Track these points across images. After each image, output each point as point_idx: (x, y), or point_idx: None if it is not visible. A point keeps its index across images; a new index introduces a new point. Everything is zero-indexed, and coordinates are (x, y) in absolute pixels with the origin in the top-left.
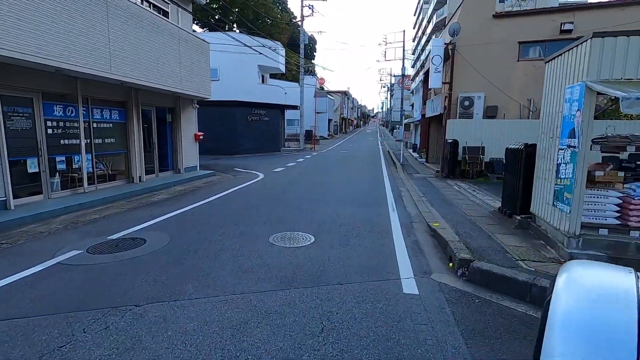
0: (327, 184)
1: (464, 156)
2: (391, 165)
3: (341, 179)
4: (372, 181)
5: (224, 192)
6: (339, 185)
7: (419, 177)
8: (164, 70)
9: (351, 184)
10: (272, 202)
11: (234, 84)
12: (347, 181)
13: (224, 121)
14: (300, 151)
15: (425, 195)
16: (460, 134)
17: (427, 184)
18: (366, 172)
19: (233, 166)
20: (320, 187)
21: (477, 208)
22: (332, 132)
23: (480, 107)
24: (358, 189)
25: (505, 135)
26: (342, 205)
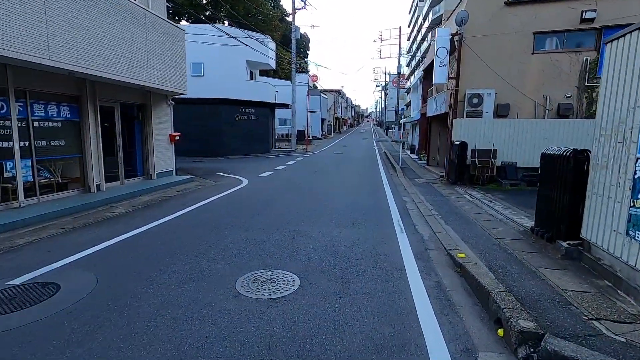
0: (318, 193)
1: (473, 160)
2: (390, 168)
3: (335, 186)
4: (371, 189)
5: (197, 205)
6: (332, 195)
7: (423, 183)
8: (126, 59)
9: (347, 192)
10: (250, 221)
11: (219, 80)
12: (342, 189)
13: (209, 120)
14: (291, 152)
15: (435, 208)
16: (469, 135)
17: (433, 191)
18: (363, 178)
19: (216, 170)
20: (310, 198)
21: (502, 226)
22: (326, 132)
23: (490, 105)
24: (355, 200)
25: (519, 136)
26: (337, 225)
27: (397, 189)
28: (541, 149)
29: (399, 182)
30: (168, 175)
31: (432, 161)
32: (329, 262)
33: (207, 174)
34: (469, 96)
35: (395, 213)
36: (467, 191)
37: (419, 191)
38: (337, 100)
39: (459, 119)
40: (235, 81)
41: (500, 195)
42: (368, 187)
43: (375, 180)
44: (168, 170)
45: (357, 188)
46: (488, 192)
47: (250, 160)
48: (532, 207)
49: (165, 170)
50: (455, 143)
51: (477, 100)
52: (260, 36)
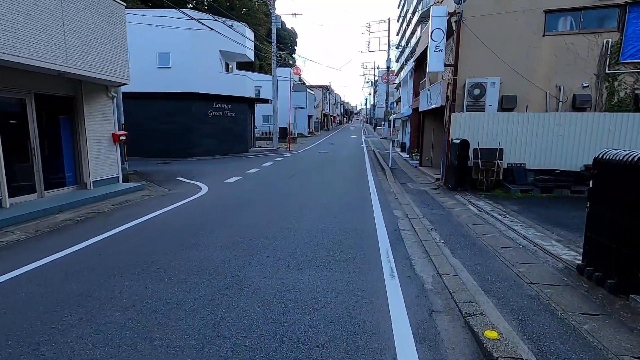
0: (287, 209)
1: (476, 161)
2: (379, 170)
3: (311, 197)
4: (356, 200)
5: (123, 227)
6: (305, 212)
7: (416, 189)
8: (28, 33)
9: (325, 207)
10: (178, 257)
11: (190, 72)
12: (318, 202)
13: (179, 117)
14: (272, 151)
15: (435, 227)
16: (469, 132)
17: (429, 201)
18: (348, 184)
19: (179, 174)
20: (274, 218)
21: (531, 259)
22: (313, 129)
23: (494, 96)
24: (334, 218)
25: (529, 133)
26: (300, 266)
27: (387, 198)
28: (554, 148)
29: (388, 189)
30: (111, 183)
31: (426, 161)
32: (285, 350)
33: (165, 180)
34: (470, 86)
35: (384, 239)
36: (470, 200)
37: (413, 200)
38: (325, 96)
39: (457, 114)
40: (207, 74)
41: (513, 206)
42: (352, 198)
43: (361, 187)
44: (111, 176)
45: (338, 199)
46: (496, 201)
47: (223, 161)
48: (559, 224)
49: (107, 177)
50: (454, 142)
51: (478, 91)
52: (236, 24)
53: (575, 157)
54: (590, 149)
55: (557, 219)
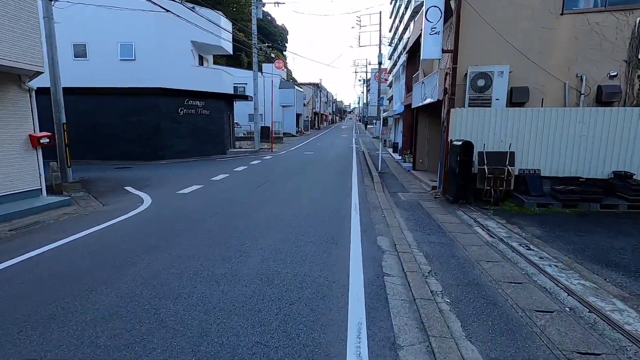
0: (239, 231)
1: (481, 168)
2: (366, 175)
3: (275, 215)
4: (331, 220)
5: (6, 264)
6: (261, 240)
7: (409, 201)
8: None
9: (287, 232)
10: (48, 331)
11: (157, 65)
12: (281, 223)
13: (144, 115)
14: (253, 153)
15: (435, 270)
16: (473, 132)
17: (426, 221)
18: (326, 194)
19: (131, 181)
20: (214, 252)
21: (596, 342)
22: (302, 128)
23: (502, 88)
24: (292, 259)
25: (545, 133)
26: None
27: (372, 216)
28: (576, 151)
29: (375, 202)
30: (29, 197)
31: (420, 164)
32: None
33: (109, 190)
34: (472, 76)
35: (358, 299)
36: (476, 218)
37: (405, 219)
38: (316, 94)
39: (457, 109)
40: (177, 67)
41: (533, 228)
42: (327, 216)
43: (342, 199)
44: (30, 189)
45: (307, 221)
46: (509, 219)
47: (192, 165)
48: (609, 263)
49: (23, 189)
50: (454, 143)
51: (483, 83)
52: (208, 11)
53: (602, 161)
54: (620, 152)
55: (602, 252)
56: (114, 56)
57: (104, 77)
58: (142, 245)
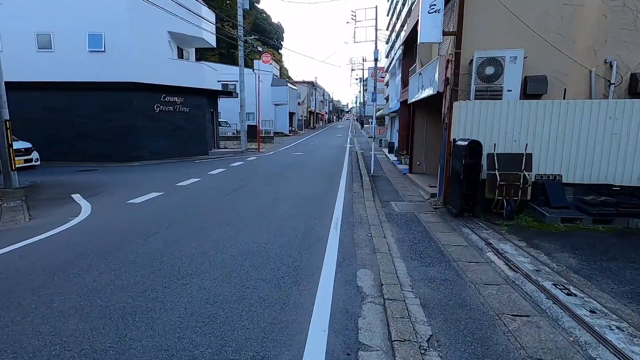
0: (178, 264)
1: (491, 173)
2: (356, 179)
3: (235, 236)
4: (302, 243)
5: None
6: (204, 274)
7: (404, 213)
8: None
9: (242, 263)
10: None
11: (130, 57)
12: (241, 247)
13: (116, 113)
14: (238, 154)
15: (435, 330)
16: (480, 130)
17: (424, 245)
18: (305, 205)
19: (86, 187)
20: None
21: None
22: (296, 127)
23: (515, 77)
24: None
25: (569, 130)
26: None
27: (355, 238)
28: (606, 152)
29: (362, 215)
30: None
31: (417, 167)
32: None
33: (53, 198)
34: (480, 63)
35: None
36: (488, 239)
37: (397, 242)
38: (311, 92)
39: (461, 103)
40: (153, 60)
41: (566, 256)
42: (296, 246)
43: (322, 212)
44: None
45: (268, 250)
46: (529, 240)
47: (165, 168)
48: None
49: None
50: (458, 144)
51: (492, 70)
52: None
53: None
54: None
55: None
56: (81, 47)
57: (71, 70)
58: (31, 283)
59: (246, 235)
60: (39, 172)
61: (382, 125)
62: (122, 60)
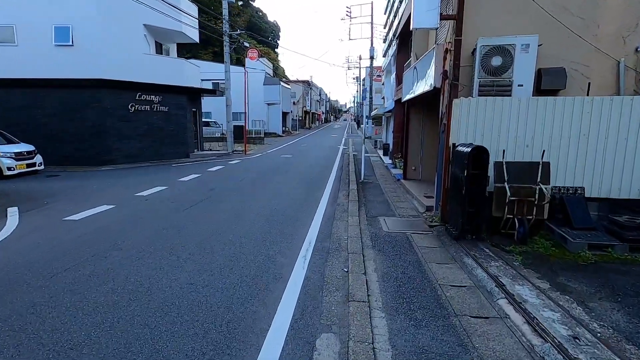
0: (68, 326)
1: (499, 186)
2: (344, 187)
3: (186, 267)
4: (254, 287)
5: None
6: (96, 345)
7: (393, 235)
8: None
9: (155, 322)
10: None
11: (101, 52)
12: (170, 292)
13: (85, 112)
14: (223, 156)
15: None
16: (485, 133)
17: (414, 283)
18: (275, 223)
19: (33, 196)
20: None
21: None
22: (290, 127)
23: (527, 69)
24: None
25: (592, 134)
26: None
27: (326, 275)
28: (638, 160)
29: (342, 237)
30: None
31: (412, 172)
32: None
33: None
34: (485, 52)
35: None
36: (499, 277)
37: (380, 281)
38: (306, 91)
39: (463, 100)
40: (127, 55)
41: (608, 307)
42: (245, 286)
43: (294, 234)
44: None
45: (212, 292)
46: (553, 277)
47: (136, 173)
48: None
49: None
50: (459, 150)
51: (500, 61)
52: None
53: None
54: None
55: None
56: (47, 41)
57: (36, 66)
58: None
59: (183, 273)
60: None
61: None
62: (92, 55)
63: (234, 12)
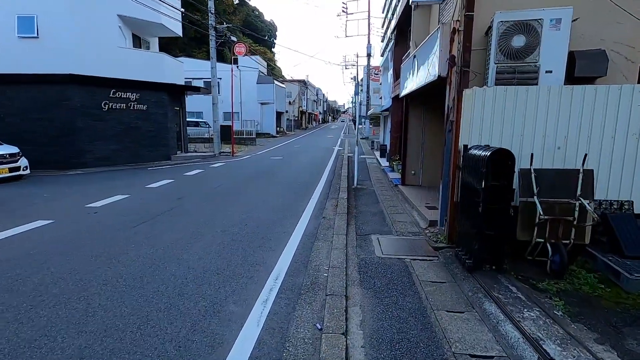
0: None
1: (527, 201)
2: (334, 195)
3: (100, 315)
4: (183, 353)
5: None
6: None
7: (387, 259)
8: None
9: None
10: None
11: (69, 45)
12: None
13: (53, 111)
14: (207, 158)
15: None
16: (505, 132)
17: (417, 350)
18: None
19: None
20: None
21: None
22: (285, 128)
23: (557, 51)
24: None
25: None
26: None
27: (291, 333)
28: None
29: (321, 267)
30: None
31: (411, 177)
32: None
33: None
34: (503, 30)
35: None
36: (540, 341)
37: (368, 343)
38: (303, 91)
39: (476, 90)
40: (99, 48)
41: None
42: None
43: (261, 264)
44: None
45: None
46: (620, 346)
47: (105, 178)
48: None
49: None
50: (473, 154)
51: (523, 40)
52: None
53: None
54: None
55: None
56: (9, 32)
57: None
58: None
59: (80, 336)
60: None
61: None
62: (60, 48)
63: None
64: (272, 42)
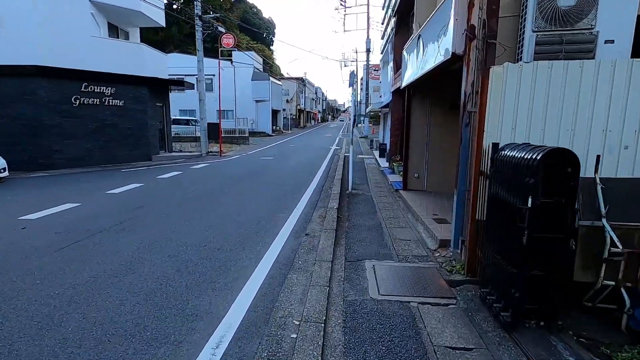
0: None
1: (592, 226)
2: (324, 203)
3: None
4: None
5: None
6: None
7: (384, 302)
8: None
9: None
10: None
11: (34, 33)
12: None
13: (17, 106)
14: (192, 158)
15: None
16: (550, 124)
17: None
18: (191, 283)
19: None
20: None
21: None
22: (281, 127)
23: (623, 12)
24: None
25: None
26: None
27: None
28: None
29: (290, 318)
30: None
31: (414, 181)
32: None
33: None
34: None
35: None
36: None
37: None
38: (300, 89)
39: (507, 67)
40: (68, 38)
41: None
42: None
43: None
44: None
45: None
46: None
47: (67, 181)
48: None
49: None
50: (508, 155)
51: (572, 2)
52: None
53: None
54: None
55: None
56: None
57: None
58: None
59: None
60: None
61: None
62: (24, 37)
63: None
64: (270, 39)
